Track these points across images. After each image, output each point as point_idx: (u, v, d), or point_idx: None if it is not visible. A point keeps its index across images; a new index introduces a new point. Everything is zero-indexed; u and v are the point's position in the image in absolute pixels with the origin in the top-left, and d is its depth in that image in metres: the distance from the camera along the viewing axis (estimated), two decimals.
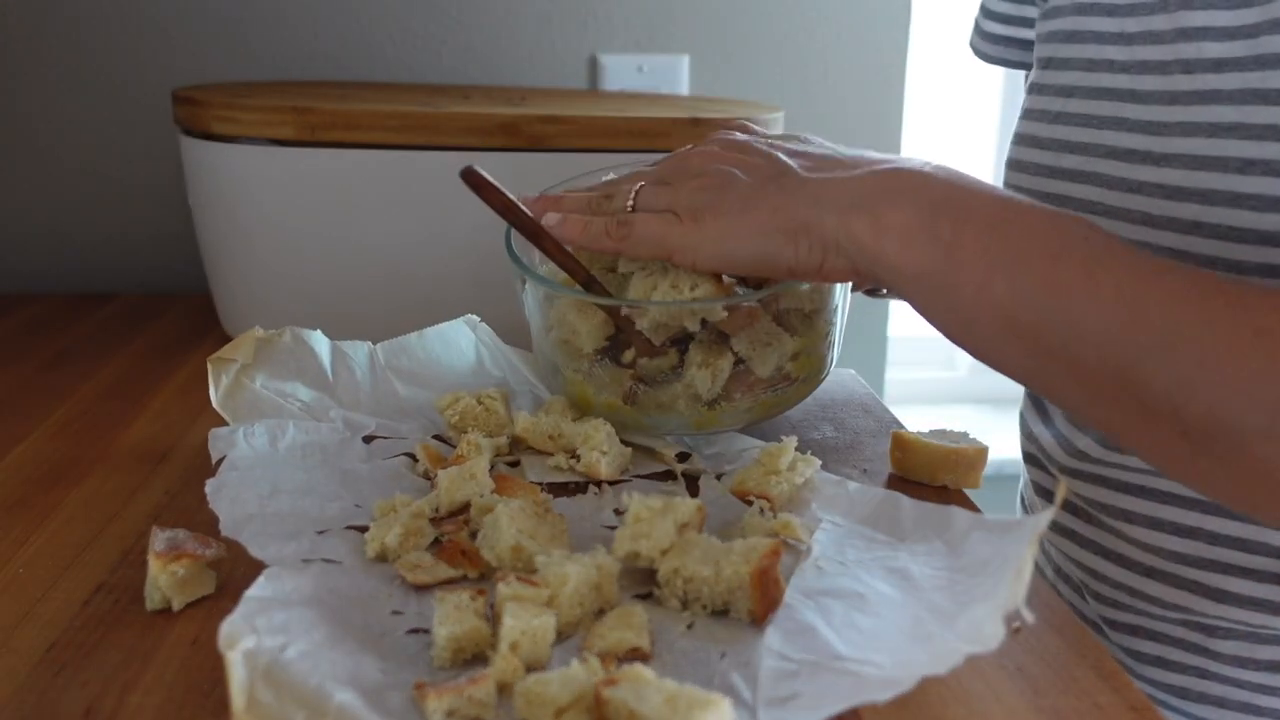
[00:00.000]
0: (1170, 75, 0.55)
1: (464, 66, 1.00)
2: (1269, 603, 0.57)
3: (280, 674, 0.35)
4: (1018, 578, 0.37)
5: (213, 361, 0.57)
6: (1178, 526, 0.59)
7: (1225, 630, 0.59)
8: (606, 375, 0.56)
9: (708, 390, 0.55)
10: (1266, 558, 0.56)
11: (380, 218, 0.75)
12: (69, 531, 0.50)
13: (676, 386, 0.55)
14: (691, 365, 0.54)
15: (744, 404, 0.56)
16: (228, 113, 0.73)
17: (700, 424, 0.56)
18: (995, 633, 0.36)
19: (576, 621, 0.41)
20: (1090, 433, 0.63)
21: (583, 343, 0.56)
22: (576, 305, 0.56)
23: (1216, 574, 0.58)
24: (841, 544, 0.46)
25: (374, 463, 0.54)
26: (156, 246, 0.99)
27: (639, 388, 0.56)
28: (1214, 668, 0.60)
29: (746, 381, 0.55)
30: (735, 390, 0.55)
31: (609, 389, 0.56)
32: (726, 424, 0.57)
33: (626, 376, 0.56)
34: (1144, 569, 0.61)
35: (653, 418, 0.56)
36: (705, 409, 0.55)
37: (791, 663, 0.38)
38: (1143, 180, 0.55)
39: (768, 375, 0.55)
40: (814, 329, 0.57)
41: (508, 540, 0.44)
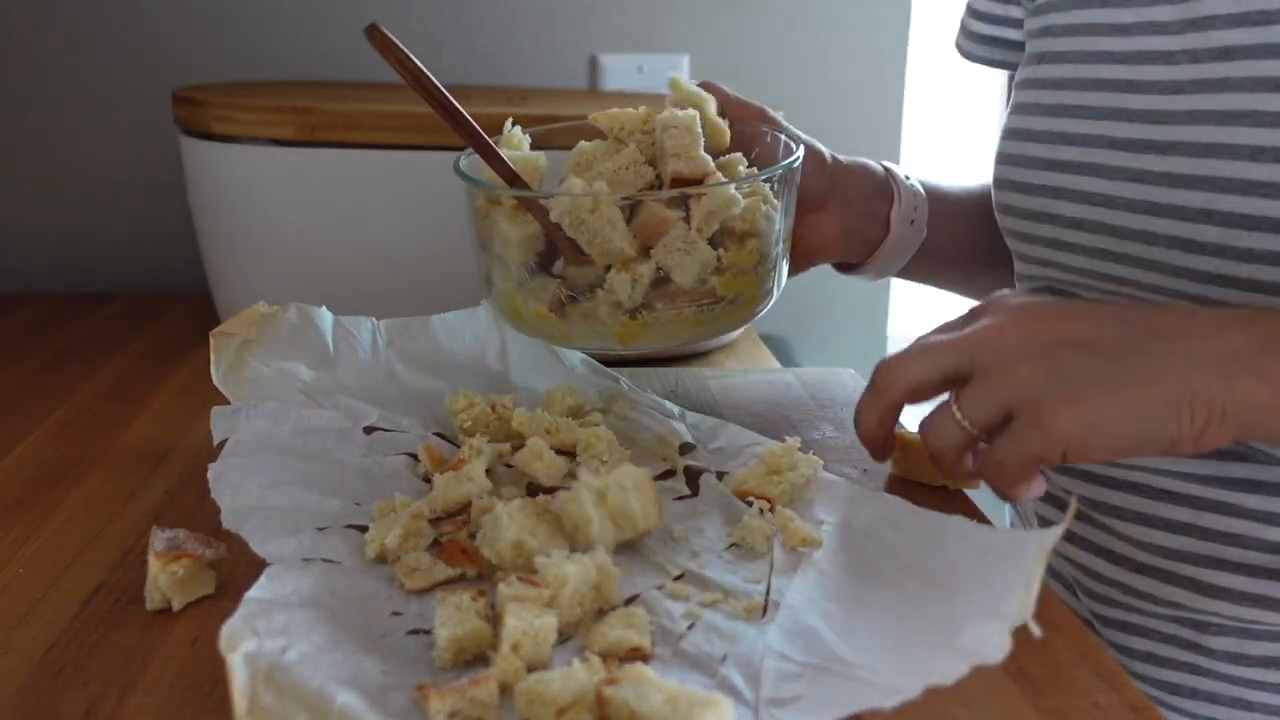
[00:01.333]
0: (1175, 64, 0.54)
1: (464, 66, 1.00)
2: (1262, 598, 0.57)
3: (282, 676, 0.35)
4: (1026, 592, 0.37)
5: (215, 336, 0.57)
6: (1169, 523, 0.59)
7: (1217, 626, 0.59)
8: (536, 285, 0.57)
9: (628, 296, 0.55)
10: (1259, 553, 0.56)
11: (380, 218, 0.75)
12: (69, 531, 0.50)
13: (599, 294, 0.55)
14: (612, 270, 0.55)
15: (666, 316, 0.56)
16: (228, 113, 0.73)
17: (624, 336, 0.56)
18: (1001, 645, 0.36)
19: (577, 622, 0.41)
20: None
21: (512, 254, 0.57)
22: (509, 215, 0.56)
23: (1209, 569, 0.58)
24: (843, 547, 0.46)
25: (374, 458, 0.54)
26: (156, 246, 0.99)
27: (565, 295, 0.56)
28: (1206, 664, 0.60)
29: (668, 292, 0.55)
30: (657, 301, 0.55)
31: (537, 298, 0.57)
32: (652, 338, 0.57)
33: (555, 286, 0.57)
34: (1135, 565, 0.61)
35: (578, 327, 0.57)
36: (628, 319, 0.56)
37: (794, 665, 0.38)
38: (1146, 169, 0.55)
39: (689, 286, 0.55)
40: (743, 248, 0.57)
41: (509, 538, 0.44)
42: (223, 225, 0.78)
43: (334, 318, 0.62)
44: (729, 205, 0.55)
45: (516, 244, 0.56)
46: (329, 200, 0.74)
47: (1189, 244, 0.54)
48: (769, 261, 0.59)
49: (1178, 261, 0.55)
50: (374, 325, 0.63)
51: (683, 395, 0.67)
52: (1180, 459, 0.58)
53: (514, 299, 0.58)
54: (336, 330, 0.62)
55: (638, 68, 1.03)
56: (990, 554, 0.42)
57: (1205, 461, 0.58)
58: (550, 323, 0.57)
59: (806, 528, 0.47)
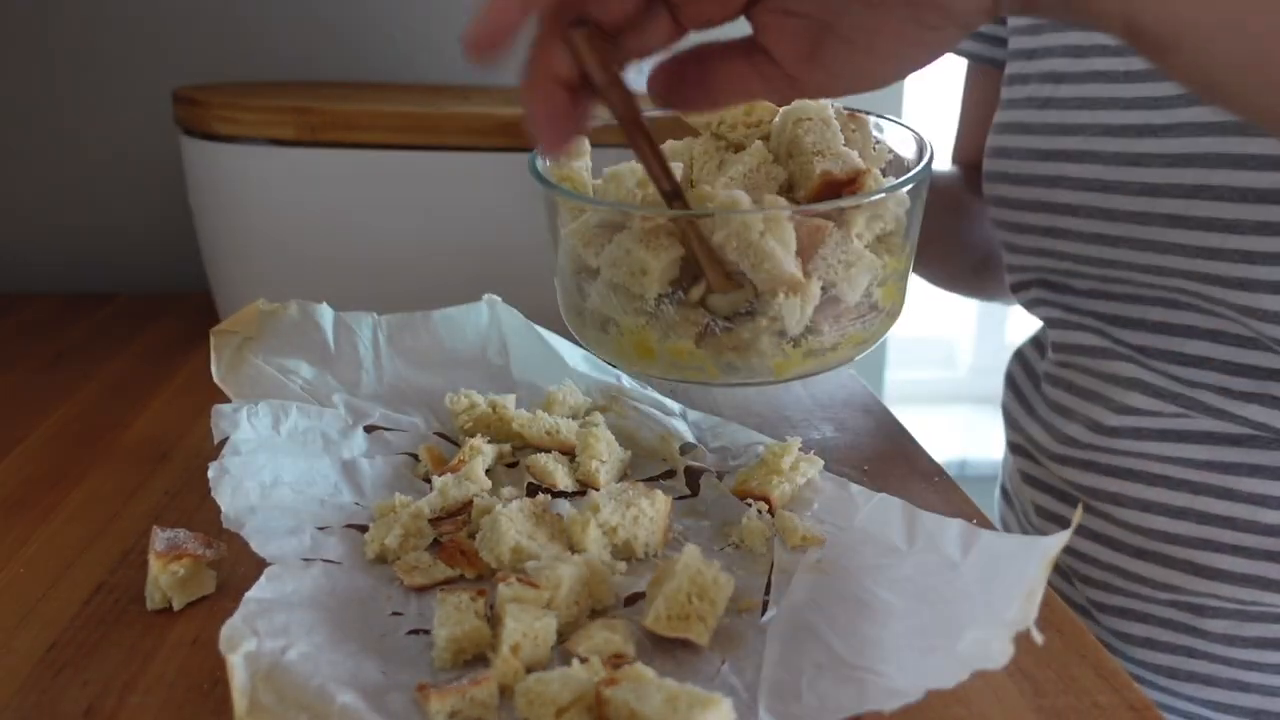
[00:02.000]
0: None
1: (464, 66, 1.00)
2: (1259, 578, 0.58)
3: (282, 676, 0.35)
4: (1029, 599, 0.37)
5: (215, 334, 0.58)
6: (1167, 508, 0.60)
7: (1214, 609, 0.60)
8: (675, 315, 0.48)
9: (796, 322, 0.47)
10: (1256, 535, 0.58)
11: (380, 218, 0.75)
12: (69, 531, 0.50)
13: (761, 320, 0.47)
14: (776, 294, 0.46)
15: (830, 339, 0.49)
16: (228, 113, 0.73)
17: (782, 367, 0.49)
18: (1003, 651, 0.36)
19: (574, 622, 0.41)
20: (1078, 419, 0.64)
21: (650, 284, 0.47)
22: (643, 238, 0.47)
23: (1207, 552, 0.59)
24: (844, 548, 0.46)
25: (375, 457, 0.54)
26: (156, 246, 0.99)
27: (716, 324, 0.48)
28: (1203, 646, 0.61)
29: (834, 312, 0.49)
30: (822, 322, 0.48)
31: (678, 330, 0.48)
32: (812, 366, 0.50)
33: (699, 314, 0.48)
34: (1134, 550, 0.62)
35: (729, 360, 0.49)
36: (790, 347, 0.48)
37: (794, 666, 0.38)
38: (1143, 152, 0.57)
39: (855, 302, 0.49)
40: (900, 250, 0.50)
41: (508, 542, 0.44)
42: (223, 225, 0.78)
43: (334, 313, 0.62)
44: (898, 207, 0.49)
45: (659, 273, 0.47)
46: (329, 200, 0.74)
47: (1181, 220, 0.56)
48: (911, 263, 0.54)
49: (1171, 239, 0.57)
50: (375, 321, 0.63)
51: (683, 394, 0.67)
52: (1178, 444, 0.59)
53: (644, 336, 0.49)
54: (337, 326, 0.62)
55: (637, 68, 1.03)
56: (993, 558, 0.42)
57: (1201, 446, 0.59)
58: (693, 359, 0.49)
59: (807, 527, 0.47)
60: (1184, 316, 0.59)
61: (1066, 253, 0.63)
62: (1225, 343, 0.58)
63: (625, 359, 0.51)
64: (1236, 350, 0.57)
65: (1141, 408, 0.61)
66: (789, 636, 0.40)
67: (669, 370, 0.50)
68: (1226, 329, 0.58)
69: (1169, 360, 0.60)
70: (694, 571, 0.40)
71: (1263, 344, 0.56)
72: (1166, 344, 0.60)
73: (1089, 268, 0.62)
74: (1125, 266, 0.60)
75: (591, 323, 0.52)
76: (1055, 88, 0.62)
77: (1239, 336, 0.57)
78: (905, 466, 0.58)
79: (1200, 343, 0.59)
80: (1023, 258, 0.67)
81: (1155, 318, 0.61)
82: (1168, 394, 0.59)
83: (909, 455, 0.60)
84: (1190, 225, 0.55)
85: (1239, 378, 0.58)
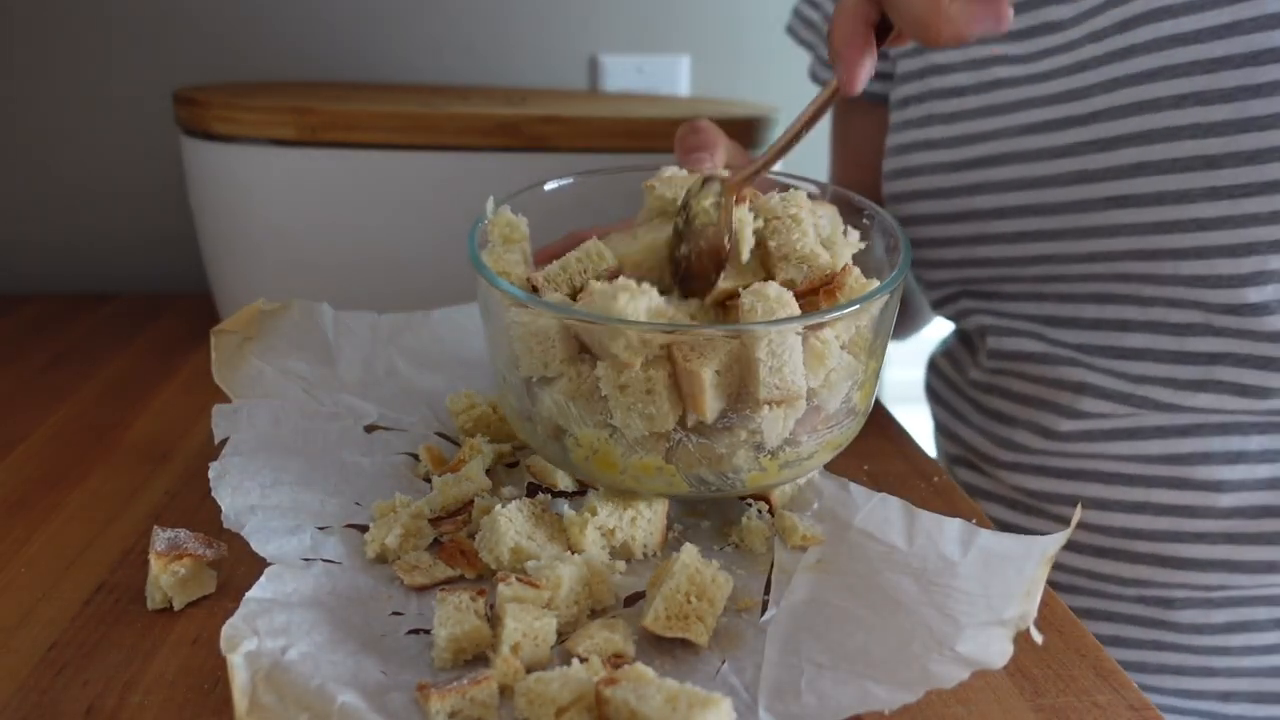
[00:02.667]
0: (1079, 48, 0.58)
1: (464, 66, 1.00)
2: (1224, 562, 0.59)
3: (282, 676, 0.35)
4: (1028, 598, 0.37)
5: (215, 334, 0.58)
6: (1124, 504, 0.61)
7: (1183, 600, 0.61)
8: (643, 428, 0.44)
9: (777, 435, 0.44)
10: (1214, 519, 0.59)
11: (380, 218, 0.75)
12: (70, 531, 0.50)
13: (740, 434, 0.44)
14: (760, 407, 0.43)
15: (808, 449, 0.46)
16: (228, 113, 0.73)
17: (757, 480, 0.45)
18: (1003, 650, 0.36)
19: (574, 621, 0.41)
20: (1023, 425, 0.64)
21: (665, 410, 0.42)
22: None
23: (1169, 543, 0.60)
24: (844, 547, 0.46)
25: (375, 457, 0.54)
26: (156, 246, 0.99)
27: (689, 439, 0.44)
28: (1170, 638, 0.62)
29: (813, 422, 0.45)
30: (801, 433, 0.45)
31: (646, 445, 0.44)
32: (785, 477, 0.46)
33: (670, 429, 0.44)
34: (1095, 550, 0.62)
35: (700, 474, 0.45)
36: (768, 459, 0.45)
37: (794, 666, 0.38)
38: (1072, 142, 0.58)
39: (834, 409, 0.46)
40: (878, 351, 0.47)
41: (507, 542, 0.44)
42: (223, 225, 0.78)
43: (334, 313, 0.62)
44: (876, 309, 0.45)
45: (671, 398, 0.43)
46: (329, 200, 0.74)
47: (1124, 200, 0.56)
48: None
49: (1116, 219, 0.57)
50: (374, 321, 0.63)
51: None
52: (1129, 441, 0.60)
53: (606, 450, 0.45)
54: (337, 326, 0.62)
55: (638, 68, 1.03)
56: (991, 558, 0.42)
57: (1151, 441, 0.60)
58: (662, 474, 0.45)
59: (807, 527, 0.47)
60: (1120, 310, 0.60)
61: (994, 258, 0.64)
62: (1165, 332, 0.58)
63: (583, 471, 0.47)
64: (1177, 339, 0.58)
65: (1091, 411, 0.61)
66: (789, 636, 0.40)
67: (633, 483, 0.46)
68: (1165, 318, 0.58)
69: (1111, 356, 0.61)
70: (692, 571, 0.40)
71: (1203, 328, 0.57)
72: (1105, 339, 0.61)
73: (1021, 269, 0.63)
74: (1063, 260, 0.60)
75: (543, 431, 0.47)
76: (960, 100, 0.64)
77: (1178, 325, 0.58)
78: (905, 466, 0.58)
79: (1139, 335, 0.59)
80: (945, 271, 0.68)
81: (1090, 314, 0.61)
82: (1117, 395, 0.60)
83: (909, 455, 0.60)
84: (1135, 204, 0.56)
85: (1184, 365, 0.58)
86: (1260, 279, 0.54)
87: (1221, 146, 0.53)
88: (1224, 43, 0.53)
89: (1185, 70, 0.54)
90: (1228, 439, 0.58)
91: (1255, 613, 0.61)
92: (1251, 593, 0.60)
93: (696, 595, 0.40)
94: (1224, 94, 0.53)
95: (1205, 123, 0.53)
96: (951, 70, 0.64)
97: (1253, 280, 0.54)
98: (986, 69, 0.63)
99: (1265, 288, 0.54)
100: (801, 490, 0.51)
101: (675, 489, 0.46)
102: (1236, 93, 0.52)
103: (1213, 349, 0.57)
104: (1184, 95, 0.54)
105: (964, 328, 0.72)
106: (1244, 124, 0.52)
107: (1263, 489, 0.58)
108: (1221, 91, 0.53)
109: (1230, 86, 0.53)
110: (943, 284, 0.69)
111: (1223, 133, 0.53)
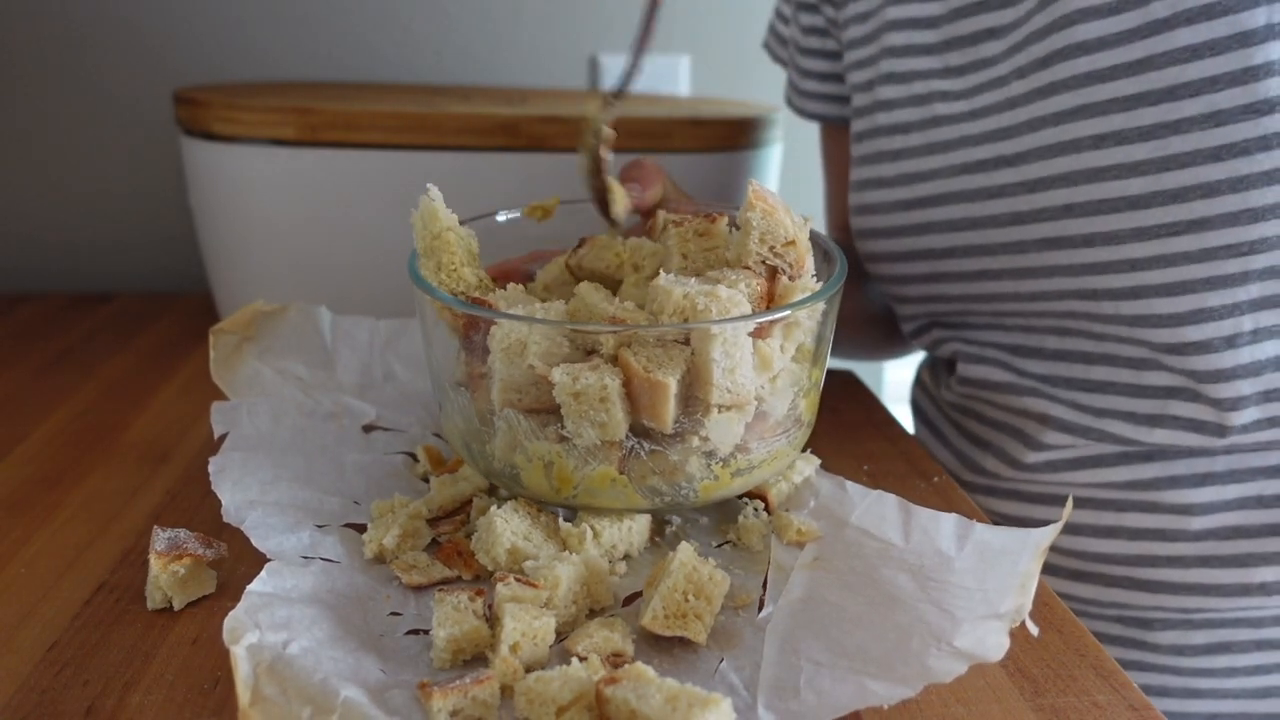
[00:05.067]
0: (1007, 85, 0.57)
1: (464, 67, 1.00)
2: (1199, 585, 0.59)
3: (285, 669, 0.35)
4: (1023, 590, 0.37)
5: (214, 333, 0.58)
6: (1096, 528, 0.60)
7: (1161, 621, 0.60)
8: (596, 438, 0.43)
9: (728, 441, 0.44)
10: (1186, 543, 0.58)
11: (380, 218, 0.75)
12: (70, 531, 0.50)
13: (691, 440, 0.43)
14: (709, 412, 0.42)
15: (758, 456, 0.46)
16: (229, 113, 0.73)
17: (710, 489, 0.45)
18: (999, 644, 0.36)
19: (572, 621, 0.41)
20: (992, 450, 0.64)
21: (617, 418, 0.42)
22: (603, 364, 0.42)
23: (1143, 568, 0.60)
24: (841, 544, 0.46)
25: (373, 456, 0.55)
26: (156, 247, 1.00)
27: (641, 447, 0.44)
28: (1152, 659, 0.61)
29: (761, 428, 0.45)
30: (751, 440, 0.45)
31: (598, 455, 0.43)
32: (736, 487, 0.46)
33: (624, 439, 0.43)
34: (1070, 574, 0.62)
35: (653, 485, 0.45)
36: (720, 467, 0.45)
37: (792, 664, 0.38)
38: (1004, 183, 0.58)
39: (782, 416, 0.46)
40: (820, 360, 0.48)
41: (503, 544, 0.44)
42: (223, 225, 0.78)
43: (332, 317, 0.62)
44: (810, 319, 0.46)
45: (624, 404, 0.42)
46: (329, 200, 0.74)
47: (1057, 241, 0.56)
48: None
49: (1050, 261, 0.57)
50: (372, 325, 0.63)
51: None
52: (1094, 469, 0.59)
53: (562, 465, 0.44)
54: (335, 330, 0.62)
55: None
56: (986, 551, 0.43)
57: (1117, 469, 0.59)
58: (614, 487, 0.44)
59: (803, 523, 0.48)
60: (1078, 343, 0.59)
61: (952, 294, 0.63)
62: (1121, 365, 0.58)
63: (533, 488, 0.46)
64: (1133, 373, 0.57)
65: (1054, 443, 0.61)
66: (787, 634, 0.40)
67: (586, 499, 0.45)
68: (1119, 352, 0.57)
69: (1074, 388, 0.60)
70: (690, 570, 0.41)
71: (1155, 363, 0.56)
72: (1069, 371, 0.60)
73: (978, 305, 0.62)
74: (1012, 298, 0.60)
75: (498, 452, 0.46)
76: (905, 138, 0.63)
77: (1131, 359, 0.57)
78: (905, 466, 0.58)
79: (1100, 368, 0.59)
80: (912, 306, 0.67)
81: (1052, 345, 0.61)
82: (1077, 428, 0.59)
83: (909, 455, 0.60)
84: (1067, 245, 0.55)
85: (1141, 399, 0.57)
86: (1199, 317, 0.53)
87: (1144, 186, 0.52)
88: (1138, 79, 0.51)
89: (1103, 109, 0.52)
90: (1193, 461, 0.58)
91: (1236, 634, 0.60)
92: (1230, 615, 0.59)
93: (694, 593, 0.40)
94: (1142, 132, 0.51)
95: (1127, 162, 0.52)
96: (895, 106, 0.63)
97: (1190, 319, 0.53)
98: (928, 104, 0.62)
99: (1204, 326, 0.53)
100: (798, 489, 0.51)
101: (629, 502, 0.45)
102: (1155, 130, 0.51)
103: (1167, 382, 0.56)
104: (1104, 135, 0.53)
105: (937, 355, 0.71)
106: (1164, 162, 0.51)
107: (1233, 509, 0.58)
108: (1140, 130, 0.51)
109: (1149, 124, 0.51)
110: (912, 317, 0.69)
111: (1145, 171, 0.52)
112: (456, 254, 0.49)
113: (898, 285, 0.66)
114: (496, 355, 0.43)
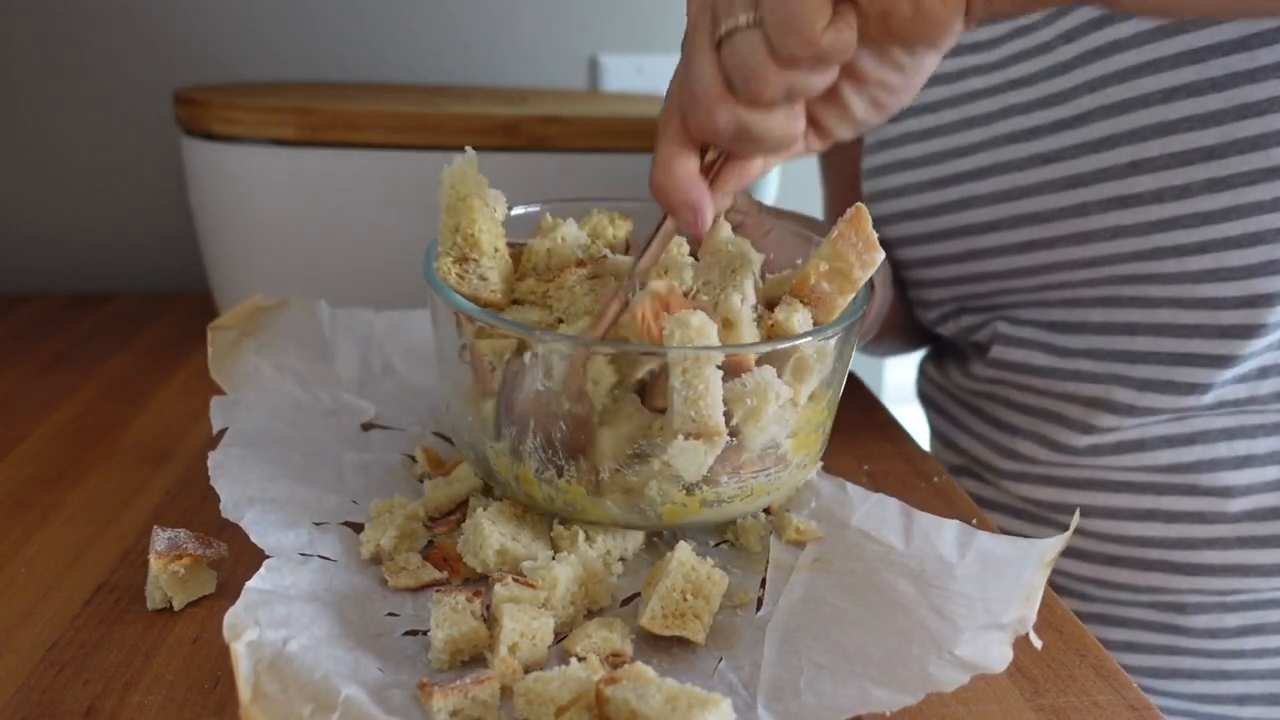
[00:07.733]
0: (1054, 50, 0.57)
1: (464, 67, 1.00)
2: (1237, 566, 0.59)
3: (285, 667, 0.35)
4: (1027, 603, 0.37)
5: (212, 329, 0.58)
6: (1134, 512, 0.60)
7: (1196, 605, 0.60)
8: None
9: (695, 469, 0.42)
10: (1226, 524, 0.58)
11: (380, 218, 0.75)
12: (70, 531, 0.50)
13: (653, 464, 0.42)
14: (678, 434, 0.41)
15: (728, 490, 0.44)
16: (229, 113, 0.73)
17: (673, 515, 0.44)
18: (1002, 655, 0.36)
19: (571, 621, 0.41)
20: (1028, 435, 0.64)
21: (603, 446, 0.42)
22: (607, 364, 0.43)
23: (1181, 550, 0.59)
24: (841, 547, 0.46)
25: (372, 455, 0.55)
26: (156, 246, 1.00)
27: (611, 469, 0.43)
28: (1185, 643, 0.61)
29: (735, 460, 0.43)
30: (721, 471, 0.43)
31: (571, 473, 0.44)
32: (707, 517, 0.45)
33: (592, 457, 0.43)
34: (1106, 559, 0.62)
35: (614, 505, 0.44)
36: (684, 494, 0.43)
37: (793, 665, 0.38)
38: (1064, 145, 0.57)
39: (759, 450, 0.44)
40: (819, 402, 0.46)
41: (493, 545, 0.44)
42: (223, 225, 0.78)
43: (331, 310, 0.62)
44: (822, 359, 0.44)
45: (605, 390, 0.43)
46: (329, 200, 0.74)
47: (1125, 200, 0.56)
48: (834, 414, 0.49)
49: (1115, 221, 0.57)
50: (371, 317, 0.63)
51: None
52: (1136, 453, 0.59)
53: (521, 471, 0.45)
54: (334, 323, 0.62)
55: (638, 68, 1.03)
56: (989, 560, 0.42)
57: (1159, 452, 0.59)
58: (577, 501, 0.44)
59: (803, 523, 0.47)
60: (1126, 314, 0.59)
61: (992, 271, 0.63)
62: (1167, 335, 0.58)
63: (531, 496, 0.46)
64: (1179, 341, 0.57)
65: (1101, 425, 0.61)
66: (787, 634, 0.40)
67: (547, 504, 0.45)
68: (1169, 320, 0.57)
69: (1117, 360, 0.60)
70: (688, 569, 0.41)
71: (1203, 331, 0.56)
72: (1111, 344, 0.60)
73: (1022, 279, 0.62)
74: (1065, 267, 0.60)
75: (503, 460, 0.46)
76: (935, 116, 0.63)
77: (1181, 326, 0.57)
78: (905, 467, 0.58)
79: (1145, 339, 0.58)
80: (939, 290, 0.67)
81: (1096, 319, 0.60)
82: (1121, 407, 0.59)
83: (909, 456, 0.60)
84: (1135, 203, 0.55)
85: (1185, 367, 0.57)
86: (1269, 269, 0.53)
87: (1219, 136, 0.52)
88: (1209, 31, 0.52)
89: (1172, 63, 0.53)
90: (1234, 444, 0.58)
91: (1270, 615, 0.60)
92: (1266, 596, 0.60)
93: (692, 593, 0.40)
94: (1215, 83, 0.52)
95: (1200, 114, 0.52)
96: (925, 85, 0.63)
97: (1261, 270, 0.53)
98: (961, 81, 0.62)
99: (1274, 278, 0.53)
100: (801, 491, 0.51)
101: (601, 518, 0.45)
102: (1230, 80, 0.51)
103: (1212, 350, 0.56)
104: (1174, 88, 0.53)
105: (966, 341, 0.70)
106: (1241, 110, 0.51)
107: (1272, 491, 0.58)
108: (1213, 80, 0.52)
109: (1221, 75, 0.52)
110: (939, 303, 0.68)
111: (1220, 121, 0.52)
112: (477, 221, 0.49)
113: (925, 269, 0.66)
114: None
